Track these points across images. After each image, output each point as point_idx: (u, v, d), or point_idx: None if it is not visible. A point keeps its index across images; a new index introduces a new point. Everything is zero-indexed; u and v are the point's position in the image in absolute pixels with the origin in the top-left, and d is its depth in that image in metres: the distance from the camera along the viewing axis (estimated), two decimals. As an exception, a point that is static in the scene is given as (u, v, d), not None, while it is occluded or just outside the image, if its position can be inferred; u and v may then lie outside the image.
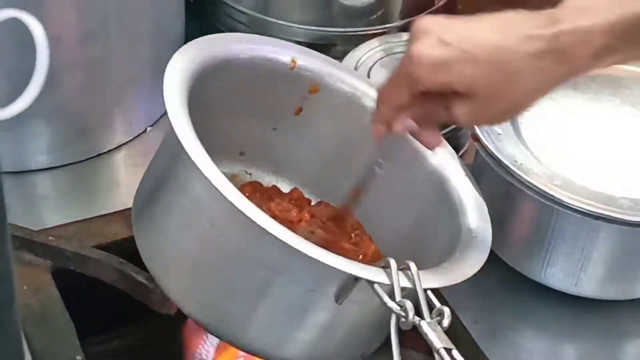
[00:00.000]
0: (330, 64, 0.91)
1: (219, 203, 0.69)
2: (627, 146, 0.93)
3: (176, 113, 0.72)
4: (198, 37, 1.14)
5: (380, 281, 0.70)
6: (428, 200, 0.87)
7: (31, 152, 1.01)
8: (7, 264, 0.40)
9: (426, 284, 0.72)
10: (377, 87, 0.80)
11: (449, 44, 0.72)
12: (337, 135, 0.91)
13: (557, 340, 0.94)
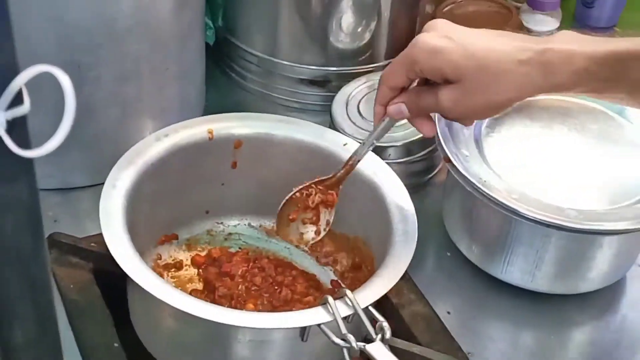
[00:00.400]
0: (241, 119, 0.92)
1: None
2: (573, 166, 0.93)
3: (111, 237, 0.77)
4: (217, 76, 1.15)
5: (323, 321, 0.71)
6: (365, 201, 0.87)
7: (76, 173, 1.01)
8: (45, 271, 0.39)
9: (364, 303, 0.73)
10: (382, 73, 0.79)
11: (450, 38, 0.72)
12: (276, 169, 0.92)
13: (516, 329, 0.94)
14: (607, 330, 0.93)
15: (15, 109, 0.35)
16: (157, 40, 0.97)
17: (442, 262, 0.98)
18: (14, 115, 0.34)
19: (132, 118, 1.00)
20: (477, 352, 0.88)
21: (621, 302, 0.96)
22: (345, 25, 1.09)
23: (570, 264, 0.91)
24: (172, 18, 0.97)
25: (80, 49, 0.91)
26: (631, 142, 0.95)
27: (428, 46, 0.73)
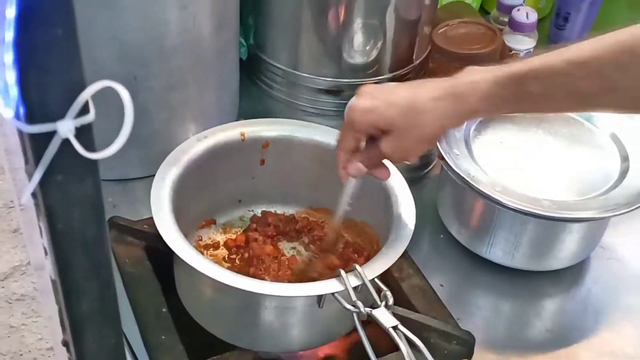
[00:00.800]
0: (268, 123, 0.91)
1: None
2: (547, 163, 0.92)
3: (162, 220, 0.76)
4: (249, 86, 1.14)
5: (336, 290, 0.71)
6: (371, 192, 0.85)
7: (132, 166, 1.00)
8: (107, 254, 0.39)
9: (370, 275, 0.72)
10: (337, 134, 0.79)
11: (376, 98, 0.73)
12: (297, 165, 0.91)
13: (498, 299, 0.93)
14: (574, 301, 0.93)
15: (82, 118, 0.34)
16: (199, 56, 0.96)
17: (436, 243, 0.97)
18: (81, 123, 0.34)
19: (178, 121, 1.00)
20: (465, 318, 0.88)
21: (586, 278, 0.95)
22: (356, 44, 1.08)
23: (544, 246, 0.90)
24: (212, 38, 0.97)
25: (136, 64, 0.91)
26: (597, 144, 0.94)
27: (360, 108, 0.73)
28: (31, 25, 0.31)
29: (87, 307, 0.41)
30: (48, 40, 0.32)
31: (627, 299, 0.92)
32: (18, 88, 0.32)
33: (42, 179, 0.35)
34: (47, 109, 0.33)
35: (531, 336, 0.88)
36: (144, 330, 0.82)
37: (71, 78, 0.33)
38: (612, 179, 0.90)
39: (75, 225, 0.37)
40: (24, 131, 0.33)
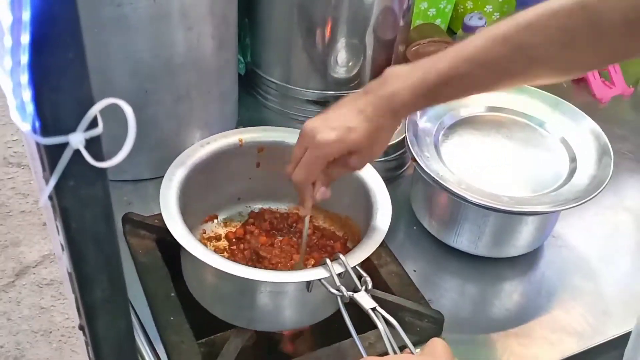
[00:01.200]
0: (263, 130, 0.90)
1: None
2: (506, 164, 0.92)
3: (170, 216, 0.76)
4: (247, 98, 1.13)
5: (322, 277, 0.71)
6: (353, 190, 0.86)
7: (144, 168, 0.99)
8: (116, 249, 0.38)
9: (352, 263, 0.72)
10: (293, 183, 0.76)
11: (335, 128, 0.72)
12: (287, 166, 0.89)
13: (464, 282, 0.92)
14: (529, 284, 0.92)
15: (92, 131, 0.33)
16: (203, 72, 0.95)
17: (410, 234, 0.97)
18: (90, 135, 0.33)
19: (185, 129, 0.99)
20: (435, 299, 0.87)
21: (540, 263, 0.95)
22: (340, 61, 1.08)
23: (504, 236, 0.90)
24: (213, 56, 0.96)
25: (146, 79, 0.90)
26: (548, 148, 0.94)
27: (330, 141, 0.72)
28: (44, 50, 0.31)
29: (99, 296, 0.40)
30: (59, 62, 0.31)
31: (576, 281, 0.92)
32: (33, 105, 0.32)
33: (56, 184, 0.34)
34: (60, 123, 0.33)
35: (492, 315, 0.88)
36: (155, 312, 0.82)
37: (81, 96, 0.33)
38: (562, 178, 0.89)
39: (87, 224, 0.37)
40: (40, 143, 0.33)
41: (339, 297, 0.70)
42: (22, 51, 0.30)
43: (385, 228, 0.78)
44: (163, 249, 0.88)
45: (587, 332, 0.86)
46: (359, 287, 0.71)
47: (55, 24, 0.30)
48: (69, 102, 0.32)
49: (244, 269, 0.71)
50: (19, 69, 0.30)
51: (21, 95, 0.31)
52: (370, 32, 1.06)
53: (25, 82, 0.31)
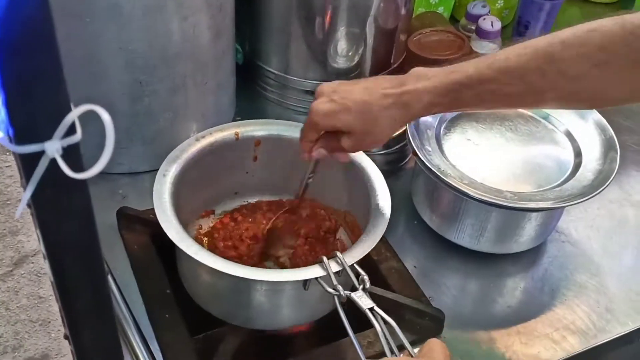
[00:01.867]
0: (260, 124, 0.88)
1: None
2: (509, 158, 0.90)
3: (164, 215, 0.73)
4: (245, 88, 1.11)
5: (319, 275, 0.69)
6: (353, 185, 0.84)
7: (140, 161, 0.97)
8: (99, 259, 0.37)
9: (350, 261, 0.70)
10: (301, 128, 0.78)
11: (334, 101, 0.72)
12: (285, 161, 0.88)
13: (465, 279, 0.90)
14: (532, 280, 0.90)
15: (69, 138, 0.31)
16: (199, 62, 0.93)
17: (410, 229, 0.95)
18: (68, 143, 0.31)
19: (181, 121, 0.97)
20: (436, 296, 0.86)
21: (543, 259, 0.93)
22: (339, 50, 1.05)
23: (506, 232, 0.88)
24: (210, 45, 0.93)
25: (141, 70, 0.88)
26: (553, 141, 0.92)
27: (321, 112, 0.72)
28: (16, 52, 0.28)
29: (82, 307, 0.38)
30: (33, 66, 0.29)
31: (579, 278, 0.90)
32: (5, 111, 0.29)
33: (34, 194, 0.32)
34: (35, 130, 0.30)
35: (494, 312, 0.86)
36: (150, 309, 0.80)
37: (57, 101, 0.30)
38: (567, 173, 0.87)
39: (67, 235, 0.35)
40: (13, 151, 0.31)
41: (335, 296, 0.68)
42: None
43: (383, 226, 0.76)
44: (158, 244, 0.86)
45: (591, 330, 0.84)
46: (357, 286, 0.69)
47: (28, 24, 0.28)
48: (44, 108, 0.30)
49: (239, 268, 0.69)
50: (-11, 73, 0.28)
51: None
52: (371, 21, 1.04)
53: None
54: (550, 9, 1.22)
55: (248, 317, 0.76)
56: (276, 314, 0.77)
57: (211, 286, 0.78)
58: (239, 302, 0.76)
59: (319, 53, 1.06)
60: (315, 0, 1.01)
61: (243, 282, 0.71)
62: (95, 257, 0.36)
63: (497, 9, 1.29)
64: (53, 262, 0.35)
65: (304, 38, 1.05)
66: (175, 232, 0.71)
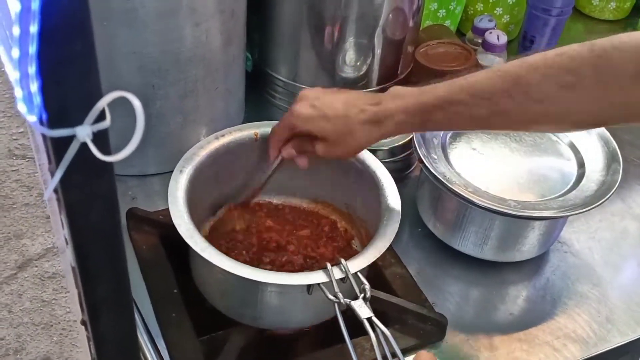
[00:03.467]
0: None
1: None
2: (513, 167, 0.91)
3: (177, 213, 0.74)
4: (254, 95, 1.12)
5: (322, 281, 0.70)
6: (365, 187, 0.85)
7: (150, 163, 0.99)
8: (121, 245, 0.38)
9: (354, 269, 0.71)
10: (272, 126, 0.82)
11: (315, 107, 0.75)
12: None
13: (468, 286, 0.91)
14: (534, 289, 0.91)
15: (99, 124, 0.33)
16: (210, 67, 0.95)
17: (414, 236, 0.96)
18: (98, 129, 0.33)
19: (191, 124, 0.98)
20: (439, 302, 0.87)
21: (545, 269, 0.94)
22: (348, 60, 1.07)
23: (509, 240, 0.89)
24: (221, 51, 0.95)
25: (153, 74, 0.90)
26: (556, 152, 0.93)
27: (302, 116, 0.76)
28: (53, 40, 0.30)
29: (103, 292, 0.39)
30: (68, 53, 0.30)
31: (581, 288, 0.91)
32: (41, 96, 0.31)
33: (62, 178, 0.34)
34: (67, 115, 0.32)
35: (496, 319, 0.87)
36: (157, 308, 0.81)
37: (89, 88, 0.32)
38: (570, 183, 0.89)
39: (92, 219, 0.36)
40: (46, 135, 0.32)
41: (335, 303, 0.69)
42: (30, 41, 0.29)
43: (391, 236, 0.76)
44: (167, 245, 0.87)
45: (592, 339, 0.85)
46: (358, 295, 0.70)
47: (65, 14, 0.30)
48: (77, 94, 0.32)
49: (245, 269, 0.70)
50: (27, 59, 0.30)
51: (28, 87, 0.31)
52: (380, 32, 1.05)
53: (32, 72, 0.30)
54: (556, 24, 1.24)
55: (255, 316, 0.77)
56: (282, 314, 0.78)
57: (220, 284, 0.79)
58: (246, 301, 0.77)
59: (327, 62, 1.07)
60: (325, 10, 1.03)
61: (249, 281, 0.72)
62: (118, 242, 0.38)
63: (503, 23, 1.31)
64: (77, 245, 0.37)
65: (313, 47, 1.07)
66: (186, 229, 0.72)
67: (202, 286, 0.81)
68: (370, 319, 0.67)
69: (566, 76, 0.63)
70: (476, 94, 0.68)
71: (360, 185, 0.86)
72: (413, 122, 0.73)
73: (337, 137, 0.75)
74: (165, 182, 0.79)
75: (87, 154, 0.33)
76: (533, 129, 0.73)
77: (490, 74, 0.68)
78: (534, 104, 0.66)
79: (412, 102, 0.72)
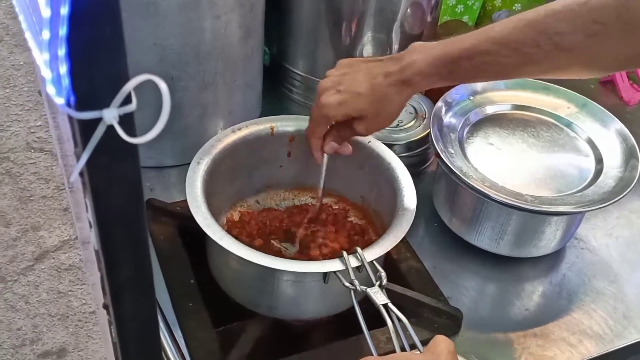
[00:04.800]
0: (294, 119, 0.89)
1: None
2: (530, 163, 0.91)
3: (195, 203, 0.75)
4: (271, 89, 1.13)
5: (338, 269, 0.70)
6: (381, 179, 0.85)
7: (167, 156, 1.00)
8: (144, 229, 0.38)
9: (369, 258, 0.72)
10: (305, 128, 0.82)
11: (341, 91, 0.75)
12: None
13: (484, 281, 0.91)
14: (550, 285, 0.91)
15: (125, 107, 0.33)
16: (229, 60, 0.95)
17: (430, 230, 0.96)
18: (124, 112, 0.33)
19: (209, 117, 0.99)
20: (454, 297, 0.87)
21: (561, 265, 0.94)
22: (365, 54, 1.07)
23: (526, 236, 0.89)
24: (240, 45, 0.96)
25: (173, 66, 0.90)
26: (574, 148, 0.93)
27: (332, 104, 0.75)
28: (82, 23, 0.30)
29: (126, 274, 0.40)
30: (97, 36, 0.31)
31: (597, 284, 0.91)
32: (69, 79, 0.31)
33: (88, 161, 0.34)
34: (95, 98, 0.32)
35: (512, 314, 0.87)
36: (174, 298, 0.82)
37: (116, 71, 0.32)
38: (588, 179, 0.88)
39: (117, 202, 0.36)
40: (74, 117, 0.33)
41: (352, 291, 0.69)
42: (61, 23, 0.30)
43: (406, 227, 0.77)
44: (184, 236, 0.88)
45: (608, 335, 0.85)
46: (374, 282, 0.70)
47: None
48: (105, 76, 0.32)
49: (262, 257, 0.71)
50: (57, 41, 0.30)
51: (57, 68, 0.31)
52: (397, 27, 1.05)
53: (62, 54, 0.30)
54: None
55: (271, 305, 0.78)
56: (299, 303, 0.78)
57: (237, 274, 0.80)
58: (262, 290, 0.77)
59: (345, 57, 1.06)
60: (344, 4, 1.03)
61: (266, 270, 0.73)
62: (141, 225, 0.38)
63: (521, 20, 1.31)
64: (101, 228, 0.37)
65: (330, 42, 1.07)
66: (203, 219, 0.73)
67: (219, 276, 0.81)
68: (386, 305, 0.67)
69: (593, 26, 0.64)
70: (503, 43, 0.68)
71: (375, 178, 0.86)
72: (440, 73, 0.72)
73: (374, 110, 0.75)
74: (182, 174, 0.80)
75: (113, 137, 0.34)
76: (561, 75, 0.73)
77: (514, 23, 0.68)
78: (561, 53, 0.67)
79: (437, 53, 0.72)
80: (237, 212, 0.90)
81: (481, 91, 0.98)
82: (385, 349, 0.77)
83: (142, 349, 0.45)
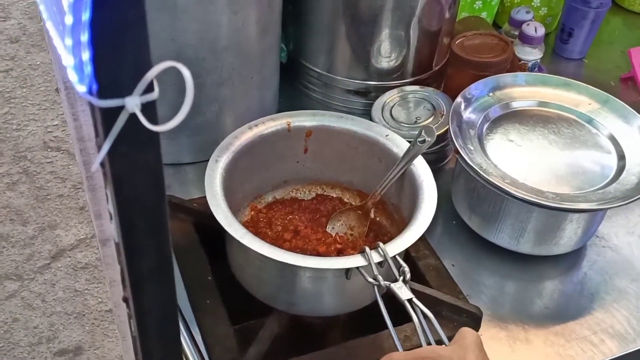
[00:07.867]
0: (311, 115, 0.89)
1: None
2: (551, 159, 0.90)
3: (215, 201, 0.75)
4: (288, 86, 1.13)
5: (361, 265, 0.70)
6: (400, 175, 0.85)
7: (184, 152, 1.00)
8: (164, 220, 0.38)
9: (392, 253, 0.71)
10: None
11: None
12: (336, 152, 0.90)
13: (503, 279, 0.90)
14: (571, 283, 0.90)
15: (148, 95, 0.33)
16: (246, 57, 0.95)
17: (449, 228, 0.95)
18: (147, 100, 0.33)
19: (226, 114, 0.99)
20: (473, 295, 0.86)
21: (583, 263, 0.92)
22: (383, 51, 1.07)
23: (547, 233, 0.88)
24: (257, 41, 0.95)
25: (189, 62, 0.90)
26: (596, 144, 0.92)
27: None
28: (106, 8, 0.30)
29: (146, 266, 0.40)
30: (120, 22, 0.31)
31: (619, 283, 0.90)
32: (92, 66, 0.31)
33: (110, 150, 0.34)
34: (117, 85, 0.32)
35: (532, 313, 0.86)
36: (191, 295, 0.82)
37: (139, 58, 0.32)
38: (610, 175, 0.87)
39: (138, 191, 0.36)
40: (96, 105, 0.32)
41: (375, 286, 0.69)
42: (84, 8, 0.29)
43: (427, 220, 0.76)
44: (201, 233, 0.88)
45: (630, 335, 0.83)
46: (397, 277, 0.70)
47: (117, -17, 0.30)
48: (128, 64, 0.32)
49: (283, 254, 0.71)
50: (80, 27, 0.30)
51: (80, 55, 0.31)
52: (415, 23, 1.05)
53: (85, 41, 0.30)
54: (595, 17, 1.22)
55: (292, 302, 0.77)
56: (319, 300, 0.78)
57: (258, 271, 0.79)
58: (283, 287, 0.77)
59: (362, 53, 1.07)
60: (361, 1, 1.02)
61: (287, 267, 0.72)
62: (162, 216, 0.38)
63: (541, 16, 1.30)
64: (122, 218, 0.37)
65: (348, 38, 1.07)
66: (224, 217, 0.73)
67: (239, 273, 0.81)
68: (411, 300, 0.66)
69: None
70: None
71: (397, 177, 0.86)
72: None
73: None
74: (198, 171, 0.80)
75: (134, 126, 0.33)
76: None
77: None
78: None
79: None
80: (264, 204, 0.90)
81: (501, 87, 0.97)
82: (404, 347, 0.76)
83: (162, 343, 0.45)
